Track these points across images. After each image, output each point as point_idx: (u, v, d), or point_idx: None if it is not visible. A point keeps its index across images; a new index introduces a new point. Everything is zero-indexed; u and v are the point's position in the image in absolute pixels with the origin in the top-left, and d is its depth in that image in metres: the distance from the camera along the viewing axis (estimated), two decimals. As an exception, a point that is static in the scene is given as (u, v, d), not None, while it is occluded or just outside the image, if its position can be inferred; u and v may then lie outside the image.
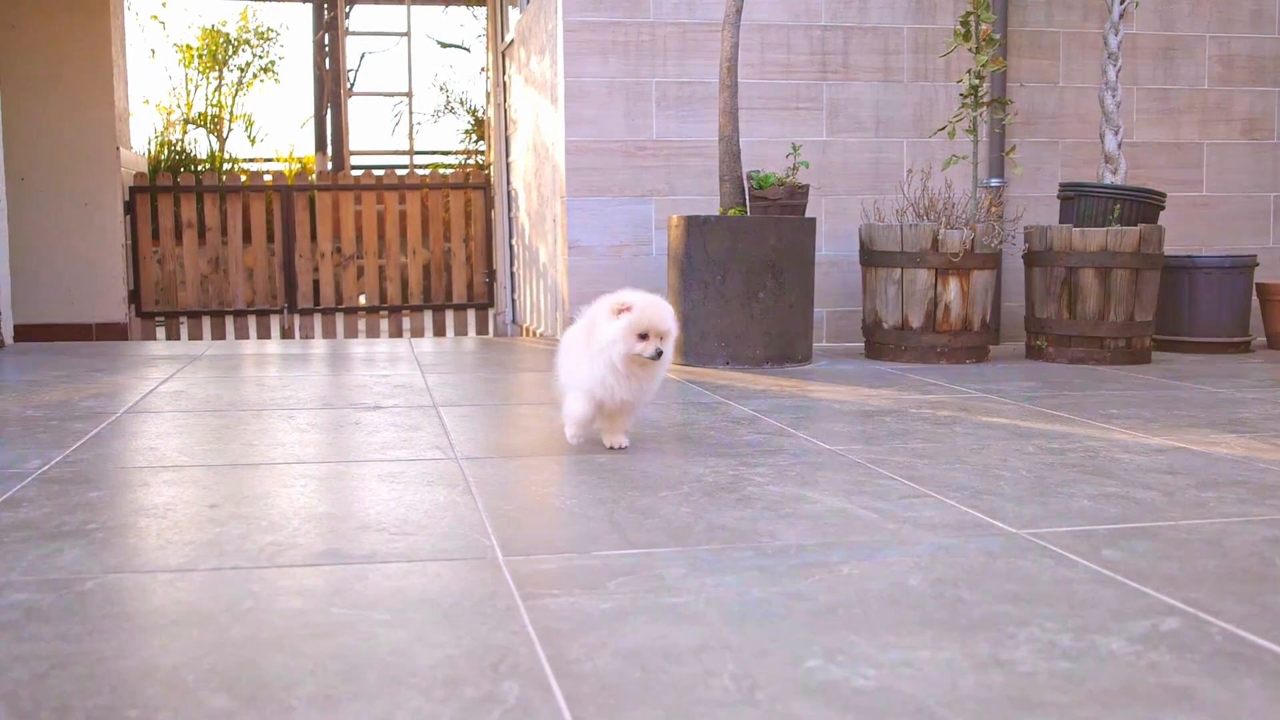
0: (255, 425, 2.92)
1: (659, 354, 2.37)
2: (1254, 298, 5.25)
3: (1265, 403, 3.46)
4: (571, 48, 4.95)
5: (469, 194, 7.69)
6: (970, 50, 4.62)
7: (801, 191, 4.37)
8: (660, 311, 2.40)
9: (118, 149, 6.93)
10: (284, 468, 2.38)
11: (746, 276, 4.21)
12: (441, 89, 10.08)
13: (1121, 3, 4.72)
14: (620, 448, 2.55)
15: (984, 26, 4.56)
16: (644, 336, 2.37)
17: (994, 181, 5.22)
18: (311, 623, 1.42)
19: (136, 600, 1.52)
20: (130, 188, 7.12)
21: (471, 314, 7.78)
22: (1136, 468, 2.46)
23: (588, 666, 1.28)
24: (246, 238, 7.41)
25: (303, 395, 3.47)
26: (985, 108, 4.62)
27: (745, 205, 4.36)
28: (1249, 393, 3.69)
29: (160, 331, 7.40)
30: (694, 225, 4.25)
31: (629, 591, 1.56)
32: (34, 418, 3.01)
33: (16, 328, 6.29)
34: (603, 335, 2.40)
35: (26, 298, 6.60)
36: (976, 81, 4.52)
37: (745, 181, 4.37)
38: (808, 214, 4.90)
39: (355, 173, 10.43)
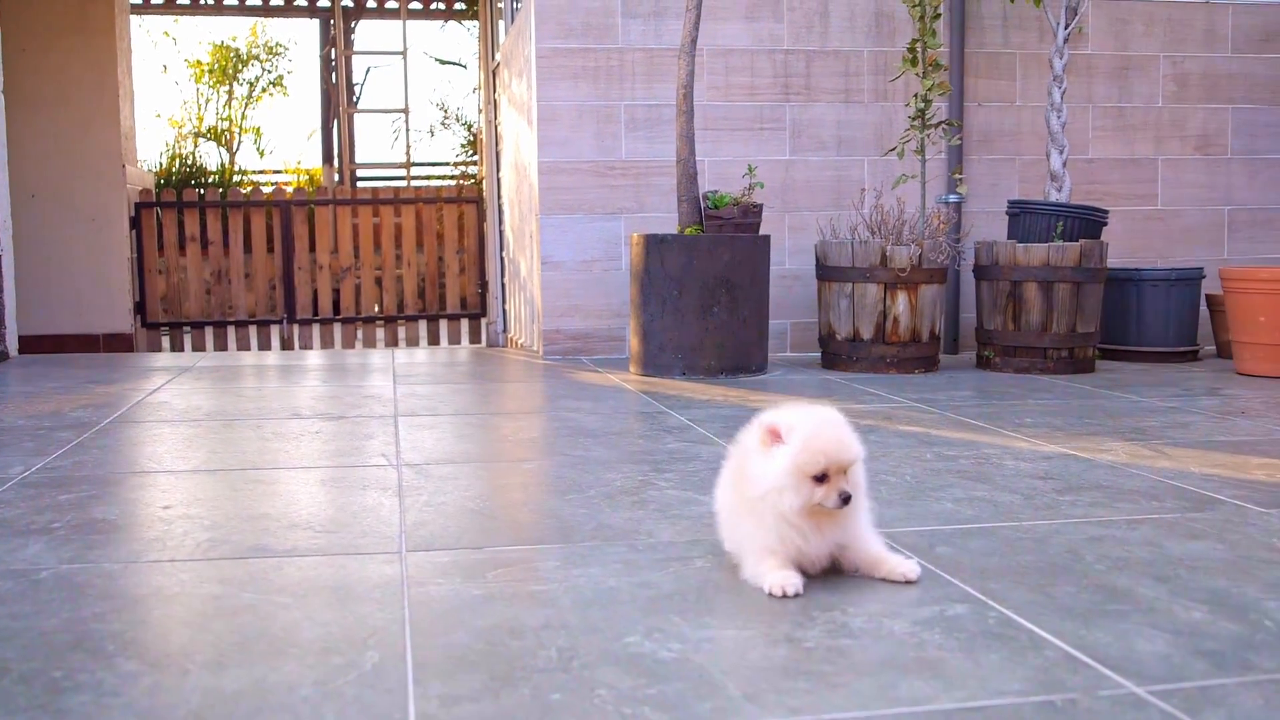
0: (224, 434, 3.19)
1: (847, 499, 1.71)
2: (1204, 309, 5.47)
3: (1177, 411, 3.68)
4: (544, 73, 5.21)
5: (462, 208, 7.97)
6: (917, 75, 4.85)
7: (755, 211, 4.61)
8: (838, 436, 1.72)
9: (124, 166, 7.24)
10: (238, 473, 2.65)
11: (701, 292, 4.46)
12: (440, 106, 10.37)
13: (1066, 28, 4.94)
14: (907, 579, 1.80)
15: (930, 53, 4.80)
16: (821, 478, 1.70)
17: (952, 198, 5.44)
18: (223, 605, 1.69)
19: (81, 588, 1.78)
20: (136, 203, 7.43)
21: (465, 324, 8.05)
22: (1015, 473, 2.69)
23: (442, 640, 1.54)
24: (248, 250, 7.71)
25: (275, 406, 3.74)
26: (933, 129, 4.86)
27: (702, 224, 4.61)
28: (1169, 401, 3.91)
29: (165, 341, 7.71)
30: (652, 243, 4.50)
31: (503, 581, 1.81)
32: (24, 427, 3.30)
33: (27, 338, 6.61)
34: (758, 480, 1.74)
35: (37, 309, 6.92)
36: (923, 105, 4.76)
37: (702, 201, 4.62)
38: (772, 230, 5.16)
39: (362, 184, 10.76)
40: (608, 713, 1.31)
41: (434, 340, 8.06)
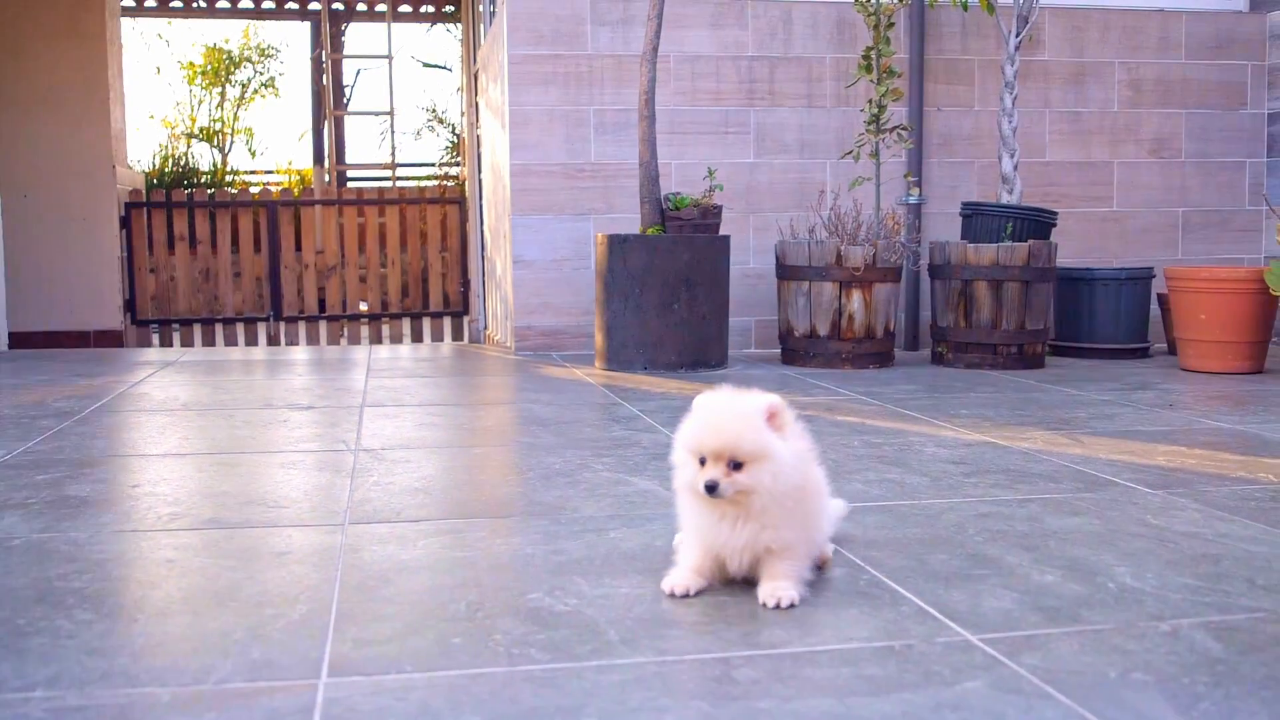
0: (197, 422, 3.39)
1: (711, 488, 1.65)
2: (1155, 307, 5.66)
3: (1110, 404, 3.87)
4: (516, 78, 5.40)
5: (445, 208, 8.16)
6: (872, 82, 5.04)
7: (714, 212, 4.80)
8: (716, 422, 1.68)
9: (114, 167, 7.43)
10: (205, 457, 2.84)
11: (662, 289, 4.65)
12: (429, 109, 10.58)
13: (1017, 36, 5.14)
14: (777, 605, 1.69)
15: (884, 60, 4.99)
16: (704, 462, 1.68)
17: (911, 199, 5.63)
18: (176, 568, 1.88)
19: (49, 553, 1.97)
20: (126, 203, 7.62)
21: (448, 322, 8.24)
22: (931, 459, 2.88)
23: (365, 596, 1.73)
24: (236, 249, 7.91)
25: (249, 397, 3.94)
26: (887, 134, 5.05)
27: (664, 225, 4.80)
28: (1104, 395, 4.10)
29: (155, 338, 7.90)
30: (615, 243, 4.70)
31: (432, 548, 2.00)
32: (10, 416, 3.49)
33: (20, 334, 6.81)
34: (675, 450, 1.77)
35: (29, 306, 7.12)
36: (877, 110, 4.95)
37: (663, 203, 4.81)
38: (737, 231, 5.36)
39: (351, 184, 10.95)
40: (498, 653, 1.50)
41: (418, 338, 8.26)
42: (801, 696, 1.37)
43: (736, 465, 1.67)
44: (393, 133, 9.36)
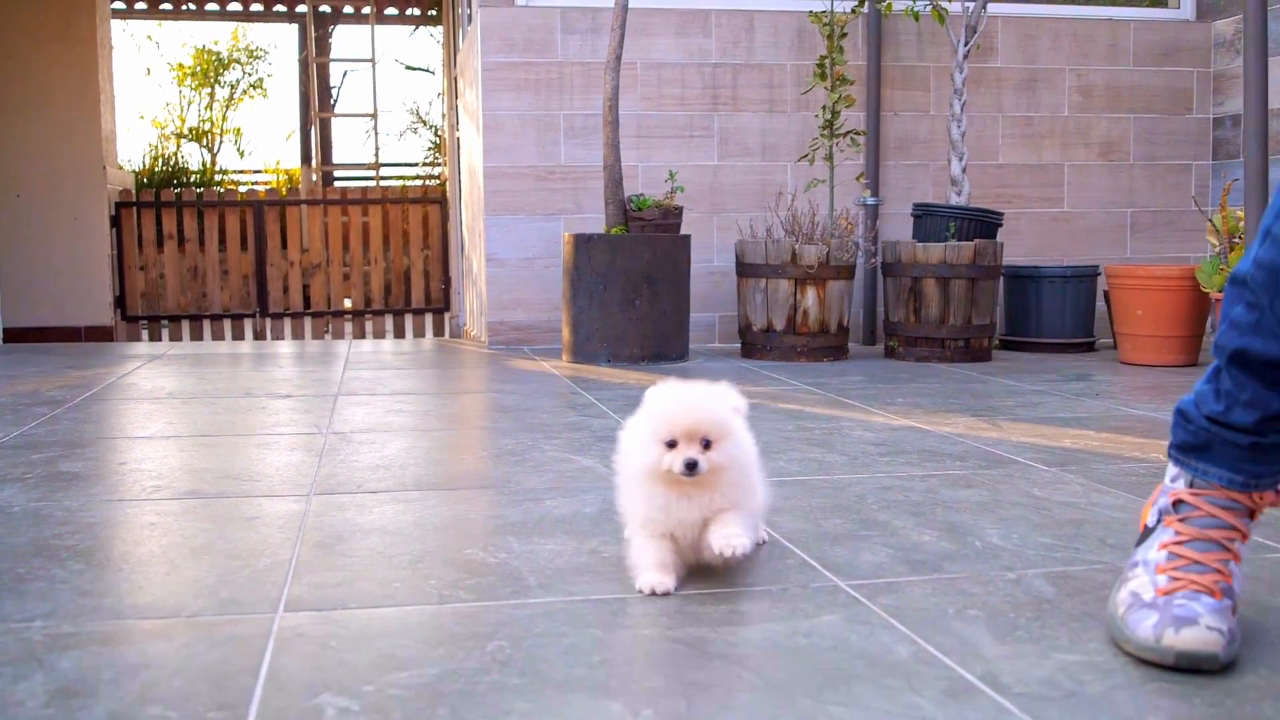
0: (180, 409, 3.64)
1: (692, 465, 1.68)
2: (1101, 304, 5.93)
3: (1040, 394, 4.14)
4: (489, 84, 5.66)
5: (426, 208, 8.41)
6: (826, 88, 5.30)
7: (675, 213, 5.06)
8: (684, 404, 1.71)
9: (104, 168, 7.67)
10: (187, 439, 3.09)
11: (624, 286, 4.91)
12: (413, 111, 10.83)
13: (966, 44, 5.40)
14: (732, 553, 1.72)
15: (838, 68, 5.25)
16: (672, 444, 1.71)
17: (870, 200, 5.90)
18: (157, 529, 2.13)
19: (45, 518, 2.22)
20: (116, 203, 7.86)
21: (429, 318, 8.49)
22: (856, 441, 3.14)
23: (322, 551, 1.98)
24: (223, 248, 8.15)
25: (232, 387, 4.18)
26: (840, 138, 5.31)
27: (627, 225, 5.05)
28: (1037, 386, 4.36)
29: (144, 334, 8.14)
30: (580, 242, 4.95)
31: (387, 514, 2.26)
32: (6, 404, 3.74)
33: (13, 330, 7.05)
34: (622, 444, 1.82)
35: (21, 303, 7.35)
36: (830, 116, 5.21)
37: (626, 204, 5.06)
38: (701, 230, 5.61)
39: (337, 184, 11.18)
40: (431, 594, 1.76)
41: (400, 334, 8.50)
42: (680, 626, 1.63)
43: (706, 444, 1.71)
44: (376, 134, 9.62)
